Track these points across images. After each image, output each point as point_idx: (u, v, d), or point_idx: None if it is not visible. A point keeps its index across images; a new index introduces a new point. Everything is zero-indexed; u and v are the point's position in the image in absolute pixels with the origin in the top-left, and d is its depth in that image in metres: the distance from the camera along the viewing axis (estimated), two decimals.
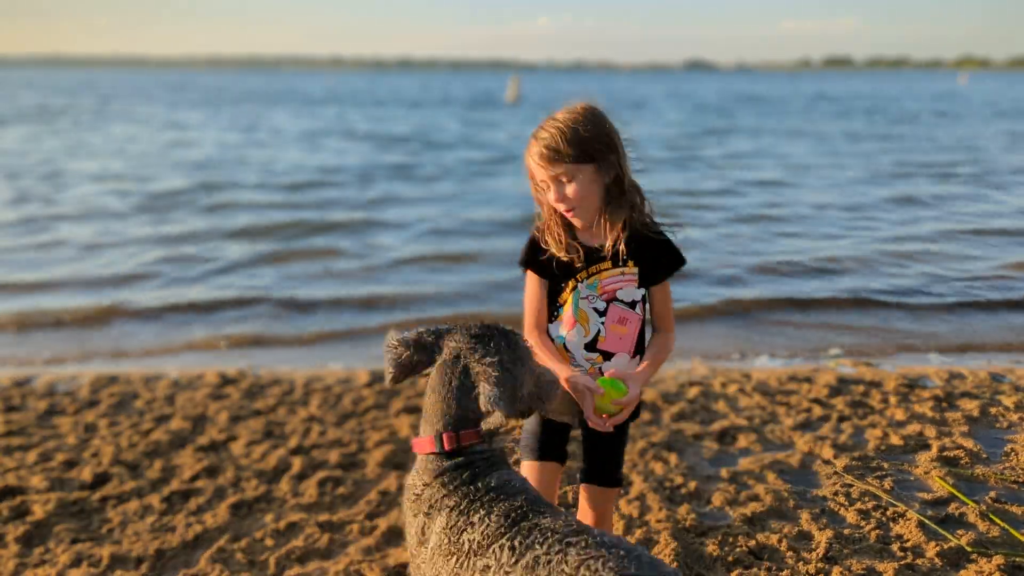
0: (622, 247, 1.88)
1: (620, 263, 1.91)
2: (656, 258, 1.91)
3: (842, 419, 3.84)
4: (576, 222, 1.90)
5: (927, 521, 2.79)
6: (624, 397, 1.80)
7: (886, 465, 3.29)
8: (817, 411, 3.92)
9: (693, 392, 4.22)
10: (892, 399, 4.08)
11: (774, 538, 2.71)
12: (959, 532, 2.71)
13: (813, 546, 2.67)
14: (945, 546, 2.61)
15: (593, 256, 1.92)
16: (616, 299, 1.92)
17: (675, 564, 2.56)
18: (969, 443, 3.45)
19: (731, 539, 2.71)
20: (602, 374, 1.87)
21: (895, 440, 3.53)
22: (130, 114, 31.38)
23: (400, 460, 3.46)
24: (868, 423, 3.77)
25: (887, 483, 3.11)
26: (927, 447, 3.46)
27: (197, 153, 17.45)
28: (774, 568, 2.54)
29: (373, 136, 22.18)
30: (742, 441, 3.58)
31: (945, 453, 3.37)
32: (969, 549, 2.59)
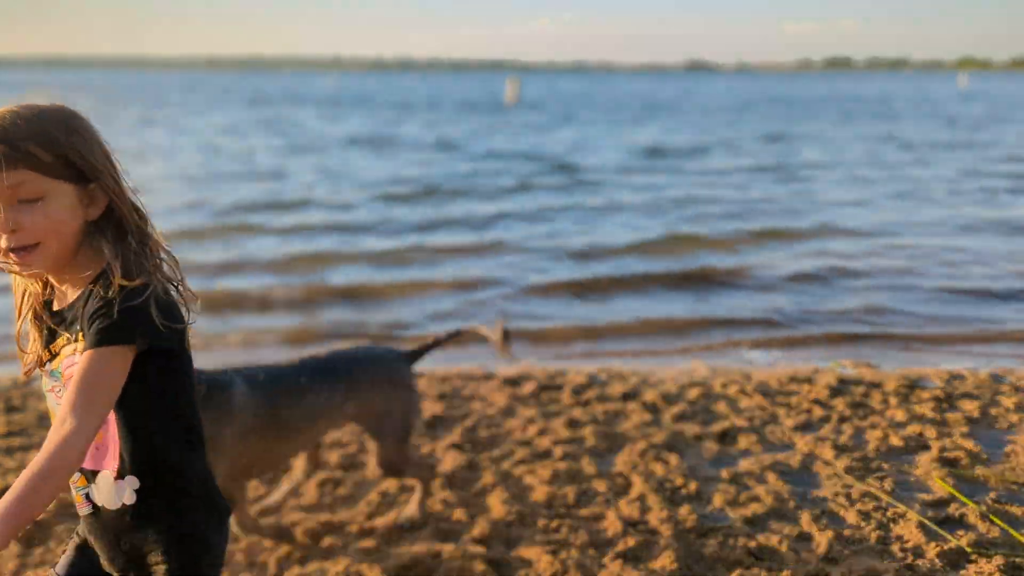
0: (80, 308, 1.22)
1: (74, 334, 1.24)
2: (88, 320, 1.20)
3: (842, 420, 3.84)
4: (20, 269, 1.23)
5: (927, 522, 2.79)
6: None
7: (886, 466, 3.29)
8: (817, 412, 3.92)
9: (694, 393, 4.22)
10: (892, 400, 4.08)
11: (775, 539, 2.71)
12: (959, 533, 2.71)
13: (814, 547, 2.67)
14: (945, 547, 2.61)
15: (57, 325, 1.28)
16: None
17: (676, 565, 2.56)
18: (969, 444, 3.46)
19: (732, 540, 2.71)
20: (92, 505, 1.31)
21: (895, 441, 3.53)
22: (156, 119, 30.36)
23: None
24: (868, 424, 3.77)
25: (887, 484, 3.11)
26: (927, 448, 3.46)
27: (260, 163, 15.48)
28: (775, 569, 2.54)
29: (404, 143, 20.48)
30: (743, 442, 3.58)
31: (945, 454, 3.37)
32: (969, 550, 2.59)
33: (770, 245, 8.39)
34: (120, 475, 1.27)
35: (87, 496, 1.32)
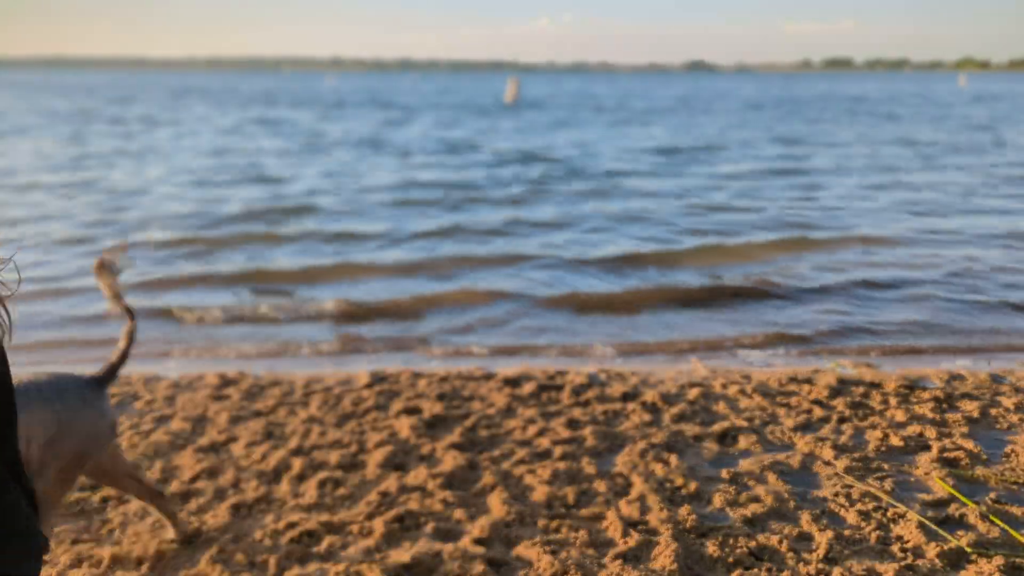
0: None
1: None
2: None
3: (842, 420, 3.84)
4: None
5: (927, 522, 2.79)
6: None
7: (886, 466, 3.29)
8: (817, 412, 3.92)
9: (694, 393, 4.22)
10: (892, 400, 4.08)
11: (775, 539, 2.71)
12: (959, 533, 2.71)
13: (814, 547, 2.67)
14: (945, 547, 2.61)
15: None
16: None
17: (675, 565, 2.56)
18: (969, 444, 3.46)
19: (732, 540, 2.71)
20: None
21: (895, 441, 3.53)
22: (158, 120, 30.59)
23: (400, 461, 3.46)
24: (868, 424, 3.77)
25: (887, 484, 3.12)
26: (927, 448, 3.46)
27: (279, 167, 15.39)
28: (774, 569, 2.54)
29: (409, 146, 20.02)
30: (743, 442, 3.58)
31: (945, 454, 3.37)
32: (969, 550, 2.59)
33: (796, 255, 8.18)
34: None
35: None
